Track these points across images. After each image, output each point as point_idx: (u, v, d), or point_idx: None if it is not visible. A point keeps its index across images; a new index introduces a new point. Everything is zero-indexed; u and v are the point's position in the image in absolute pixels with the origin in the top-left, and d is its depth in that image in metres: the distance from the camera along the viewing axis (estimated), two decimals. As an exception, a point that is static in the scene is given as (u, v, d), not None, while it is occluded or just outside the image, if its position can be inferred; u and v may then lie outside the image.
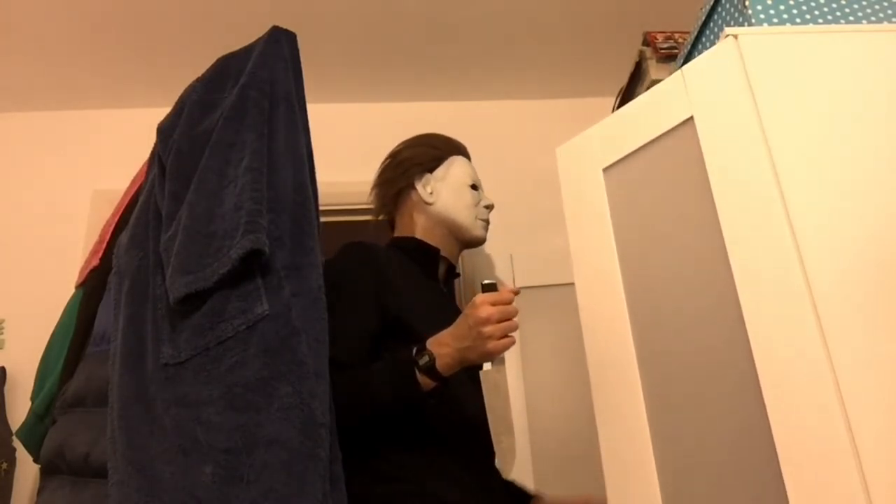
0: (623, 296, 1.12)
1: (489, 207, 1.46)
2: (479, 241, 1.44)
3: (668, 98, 1.23)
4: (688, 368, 1.02)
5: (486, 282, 1.05)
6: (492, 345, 1.00)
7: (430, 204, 1.40)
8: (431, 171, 1.44)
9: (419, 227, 1.40)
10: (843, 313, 0.96)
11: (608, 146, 1.34)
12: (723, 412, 1.00)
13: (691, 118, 1.18)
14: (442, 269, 1.40)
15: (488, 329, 0.99)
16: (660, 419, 1.04)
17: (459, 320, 1.04)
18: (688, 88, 1.21)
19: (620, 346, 1.07)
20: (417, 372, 1.02)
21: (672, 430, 1.02)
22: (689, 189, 1.15)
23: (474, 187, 1.45)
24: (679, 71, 1.21)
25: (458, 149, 1.50)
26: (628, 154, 1.28)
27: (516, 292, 1.05)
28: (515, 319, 1.02)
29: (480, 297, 1.02)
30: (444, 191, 1.41)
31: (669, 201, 1.18)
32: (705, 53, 1.20)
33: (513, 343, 1.02)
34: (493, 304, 1.01)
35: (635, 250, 1.18)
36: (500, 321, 1.00)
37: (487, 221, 1.45)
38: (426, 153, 1.46)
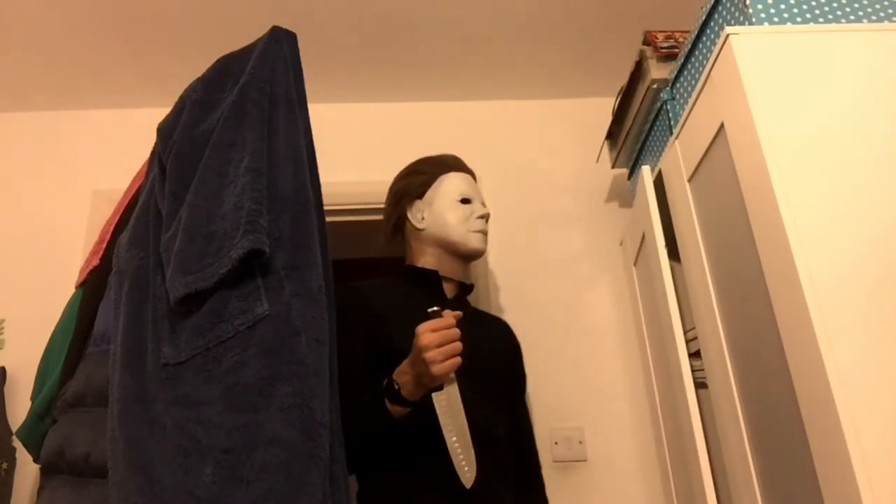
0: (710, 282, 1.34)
1: (484, 217, 1.46)
2: (476, 253, 1.45)
3: (709, 105, 1.29)
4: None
5: (430, 310, 1.12)
6: (435, 368, 1.07)
7: (421, 229, 1.45)
8: (421, 196, 1.48)
9: (417, 253, 1.46)
10: (843, 313, 0.96)
11: (687, 156, 1.44)
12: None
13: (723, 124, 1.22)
14: (450, 287, 1.43)
15: (429, 354, 1.07)
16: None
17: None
18: (717, 94, 1.22)
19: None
20: (388, 402, 1.13)
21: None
22: (734, 191, 1.19)
23: (465, 200, 1.46)
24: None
25: (447, 166, 1.51)
26: (698, 163, 1.37)
27: (457, 317, 1.12)
28: (457, 343, 1.09)
29: (422, 326, 1.09)
30: (432, 213, 1.45)
31: (727, 205, 1.23)
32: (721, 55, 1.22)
33: (457, 364, 1.09)
34: (434, 330, 1.08)
35: (717, 251, 1.32)
36: (440, 345, 1.07)
37: (483, 232, 1.45)
38: (414, 181, 1.50)
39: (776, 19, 1.23)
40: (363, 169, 2.23)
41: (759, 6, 1.24)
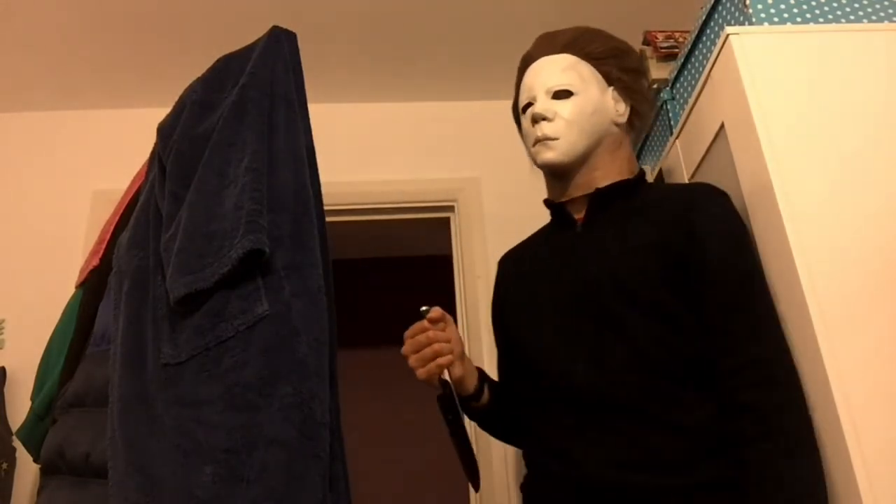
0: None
1: (535, 120, 1.14)
2: (549, 167, 1.15)
3: (709, 105, 1.28)
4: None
5: (421, 309, 1.06)
6: (417, 375, 1.03)
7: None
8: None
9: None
10: (843, 313, 0.96)
11: (687, 156, 1.42)
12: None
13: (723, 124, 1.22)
14: (577, 207, 1.16)
15: (410, 362, 1.03)
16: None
17: None
18: (717, 94, 1.22)
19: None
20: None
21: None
22: (734, 191, 1.17)
23: (526, 107, 1.19)
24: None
25: (522, 71, 1.26)
26: (699, 163, 1.35)
27: (432, 319, 1.04)
28: (437, 345, 1.02)
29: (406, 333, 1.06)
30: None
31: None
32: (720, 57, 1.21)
33: (437, 367, 1.02)
34: (411, 336, 1.04)
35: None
36: (415, 352, 1.03)
37: (542, 138, 1.13)
38: (514, 111, 1.30)
39: (776, 19, 1.23)
40: (363, 169, 2.23)
41: (759, 6, 1.24)
